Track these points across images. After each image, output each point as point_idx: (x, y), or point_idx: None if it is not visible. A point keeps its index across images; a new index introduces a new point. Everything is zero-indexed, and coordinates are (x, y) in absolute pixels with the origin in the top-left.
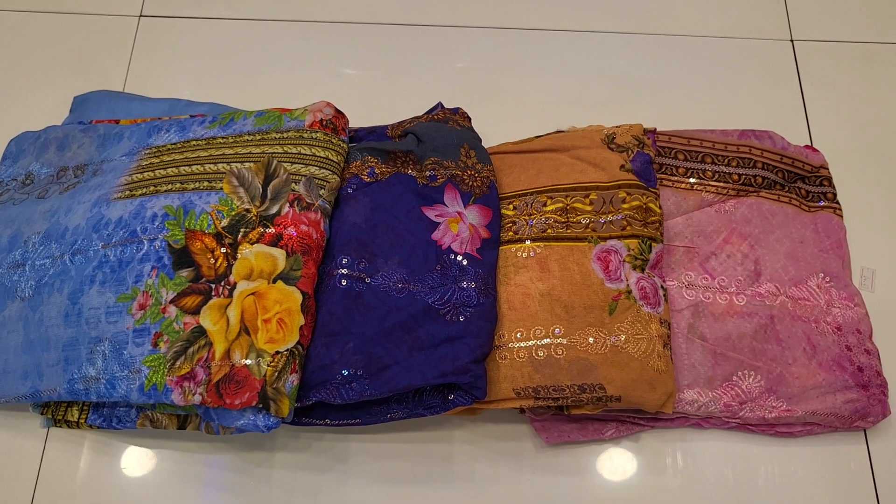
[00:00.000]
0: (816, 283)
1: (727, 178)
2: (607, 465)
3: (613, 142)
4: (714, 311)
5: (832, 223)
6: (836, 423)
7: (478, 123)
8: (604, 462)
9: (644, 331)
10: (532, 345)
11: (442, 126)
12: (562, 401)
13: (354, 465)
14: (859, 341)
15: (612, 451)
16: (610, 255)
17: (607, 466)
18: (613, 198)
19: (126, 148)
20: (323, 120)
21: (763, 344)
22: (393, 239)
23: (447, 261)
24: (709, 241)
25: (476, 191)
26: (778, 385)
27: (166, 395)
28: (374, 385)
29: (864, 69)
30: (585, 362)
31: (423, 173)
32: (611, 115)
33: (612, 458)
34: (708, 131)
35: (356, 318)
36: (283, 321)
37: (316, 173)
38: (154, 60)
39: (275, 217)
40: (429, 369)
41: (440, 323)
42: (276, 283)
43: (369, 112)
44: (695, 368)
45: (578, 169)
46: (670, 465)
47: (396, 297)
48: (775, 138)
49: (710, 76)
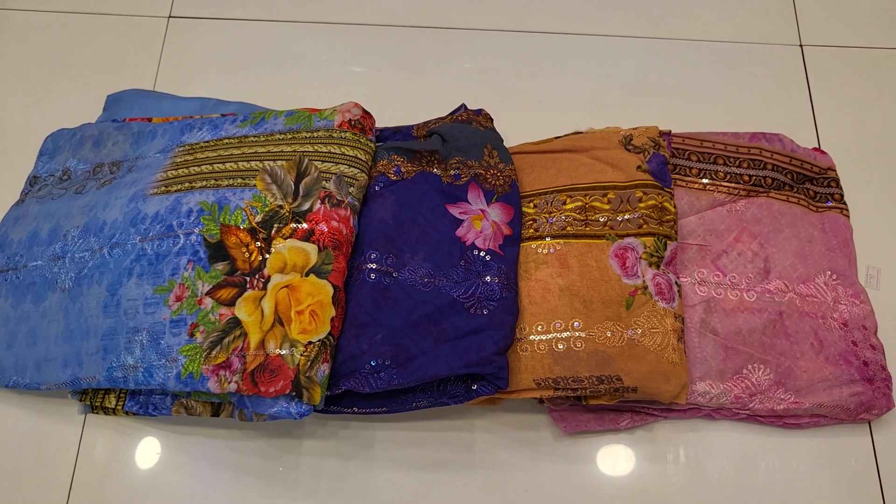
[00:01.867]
0: (824, 280)
1: (738, 178)
2: (622, 454)
3: (631, 143)
4: (725, 306)
5: (839, 223)
6: (842, 416)
7: (496, 124)
8: (619, 451)
9: (659, 325)
10: (552, 338)
11: (466, 127)
12: (580, 391)
13: (379, 451)
14: (865, 337)
15: (626, 440)
16: (627, 252)
17: (622, 455)
18: (630, 197)
19: (160, 145)
20: (351, 120)
21: (772, 338)
22: (419, 235)
23: (471, 256)
24: (720, 239)
25: (498, 189)
26: (786, 378)
27: (202, 384)
28: (402, 375)
29: (872, 74)
30: (603, 354)
31: (447, 172)
32: (624, 118)
33: (627, 447)
34: (720, 134)
35: (384, 311)
36: (316, 313)
37: (345, 171)
38: (183, 60)
39: (307, 213)
40: (454, 360)
41: (465, 316)
42: (309, 276)
43: (391, 112)
44: (707, 361)
45: (597, 169)
46: (682, 454)
47: (423, 291)
48: (785, 141)
49: (721, 80)
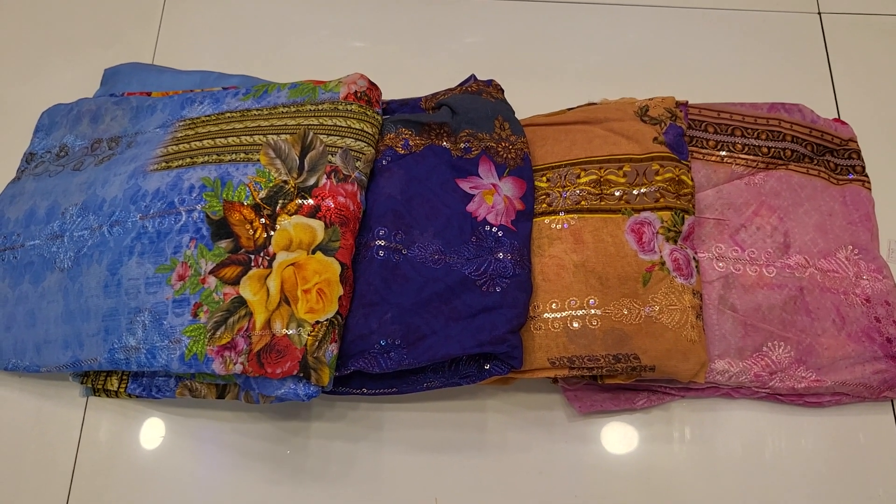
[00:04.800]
0: (845, 255)
1: (757, 150)
2: (639, 434)
3: (647, 114)
4: (744, 282)
5: (860, 196)
6: (864, 394)
7: (507, 96)
8: (635, 431)
9: (677, 302)
10: (567, 315)
11: (476, 98)
12: (596, 370)
13: (389, 433)
14: (888, 313)
15: (643, 420)
16: (643, 226)
17: (638, 436)
18: (647, 170)
19: (160, 120)
20: (357, 92)
21: (793, 315)
22: (428, 211)
23: (482, 232)
24: (739, 213)
25: (510, 163)
26: (807, 356)
27: (207, 365)
28: (412, 354)
29: (891, 42)
30: (620, 332)
31: (457, 145)
32: (638, 89)
33: (644, 427)
34: (737, 104)
35: (394, 289)
36: (323, 291)
37: (352, 145)
38: (182, 32)
39: (313, 189)
40: (466, 339)
41: (477, 294)
42: (315, 254)
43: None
44: (725, 339)
45: (612, 141)
46: (700, 434)
47: (433, 269)
48: (805, 111)
49: (738, 49)
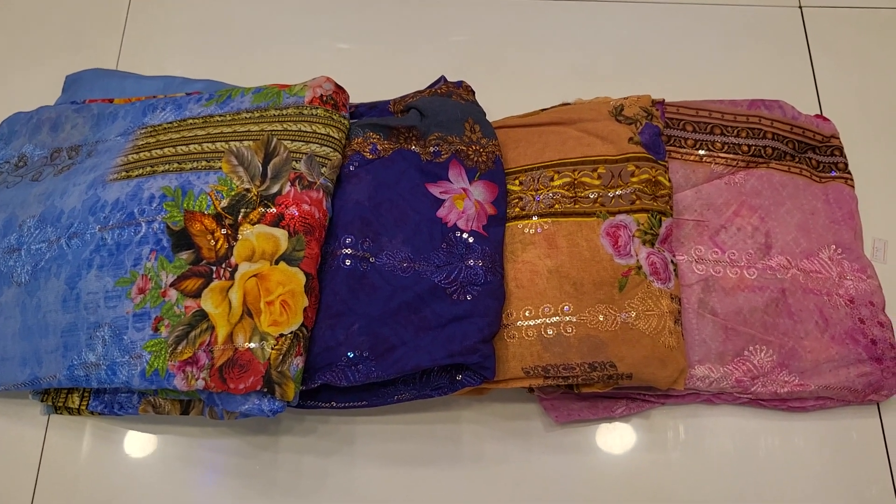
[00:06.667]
0: (828, 255)
1: (737, 149)
2: (618, 443)
3: (621, 114)
4: (724, 285)
5: (844, 194)
6: (849, 397)
7: (481, 97)
8: (614, 440)
9: (655, 307)
10: (541, 323)
11: (445, 100)
12: (572, 379)
13: (361, 447)
14: (872, 314)
15: (622, 428)
16: (619, 230)
17: (618, 444)
18: (622, 171)
19: (121, 128)
20: (323, 96)
21: (774, 318)
22: (397, 217)
23: (453, 238)
24: (718, 214)
25: (481, 166)
26: (790, 359)
27: (168, 381)
28: (381, 366)
29: (874, 36)
30: (596, 340)
31: (426, 149)
32: (617, 87)
33: (623, 435)
34: (717, 102)
35: (361, 299)
36: (287, 303)
37: (317, 151)
38: (147, 37)
39: (276, 196)
40: (436, 349)
41: (447, 302)
42: (279, 264)
43: (369, 87)
44: (706, 344)
45: (586, 142)
46: (681, 441)
47: (402, 277)
48: (785, 108)
49: (717, 45)
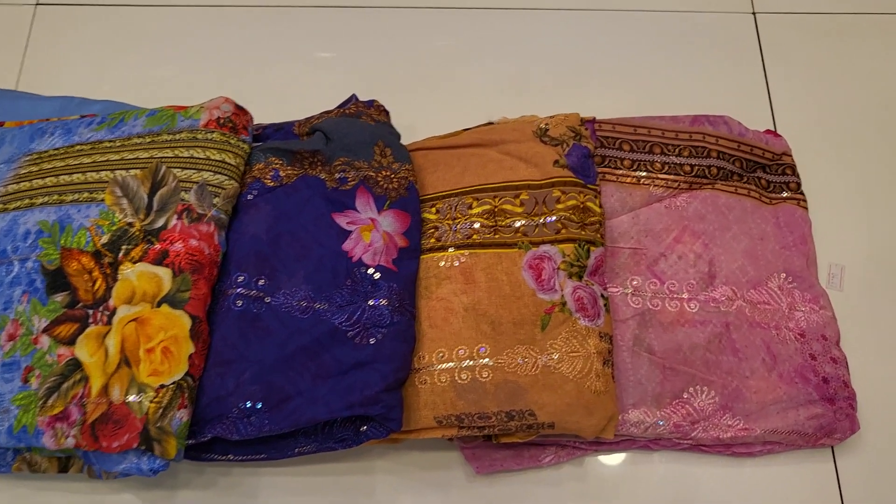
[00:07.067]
0: (777, 284)
1: (678, 169)
2: (546, 494)
3: (546, 134)
4: (663, 319)
5: (796, 216)
6: (799, 442)
7: (406, 115)
8: (542, 491)
9: (580, 347)
10: (454, 367)
11: (353, 121)
12: (488, 429)
13: (265, 501)
14: (825, 348)
15: (551, 478)
16: (543, 262)
17: (546, 496)
18: (547, 197)
19: (6, 154)
20: (220, 118)
21: (717, 355)
22: (298, 251)
23: (358, 275)
24: (657, 241)
25: (392, 193)
26: (734, 401)
27: (37, 438)
28: (275, 419)
29: (832, 43)
30: (514, 385)
31: (332, 175)
32: (556, 102)
33: (552, 486)
34: (656, 118)
35: (253, 344)
36: (169, 350)
37: (209, 179)
38: (52, 53)
39: (161, 231)
40: (335, 400)
41: (348, 346)
42: (161, 306)
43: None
44: (641, 385)
45: (507, 166)
46: (617, 492)
47: (299, 319)
48: (731, 123)
49: (664, 55)
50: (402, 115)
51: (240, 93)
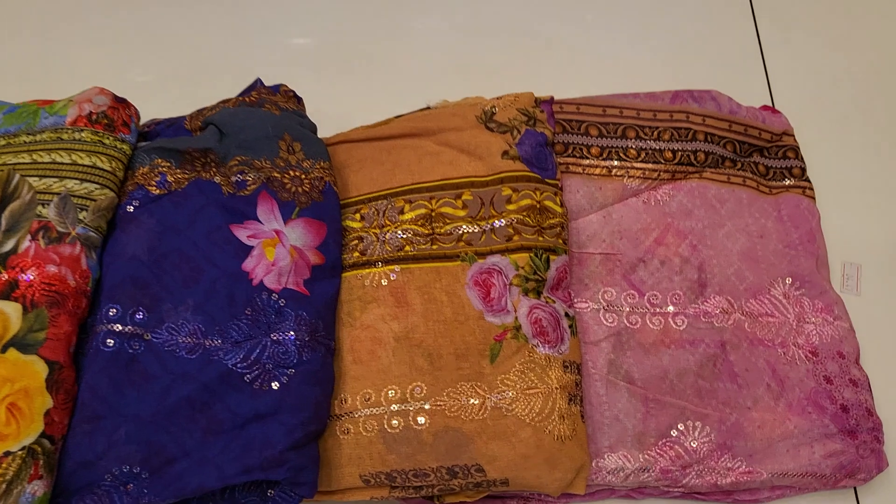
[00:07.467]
0: (782, 291)
1: (658, 156)
2: None
3: (493, 119)
4: (643, 340)
5: (801, 208)
6: (815, 485)
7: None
8: None
9: (539, 382)
10: (383, 412)
11: (253, 112)
12: (427, 490)
13: None
14: (842, 369)
15: None
16: (492, 276)
17: None
18: (495, 197)
19: None
20: (92, 113)
21: (712, 382)
22: (187, 274)
23: (259, 302)
24: (635, 244)
25: (301, 198)
26: (734, 438)
27: None
28: (156, 487)
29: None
30: (457, 434)
31: (228, 179)
32: (510, 83)
33: None
34: (630, 96)
35: (128, 394)
36: (17, 407)
37: (75, 189)
38: None
39: (9, 256)
40: (229, 463)
41: (245, 394)
42: (8, 352)
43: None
44: (619, 422)
45: (446, 159)
46: None
47: (186, 360)
48: (720, 99)
49: (639, 21)
50: (330, 101)
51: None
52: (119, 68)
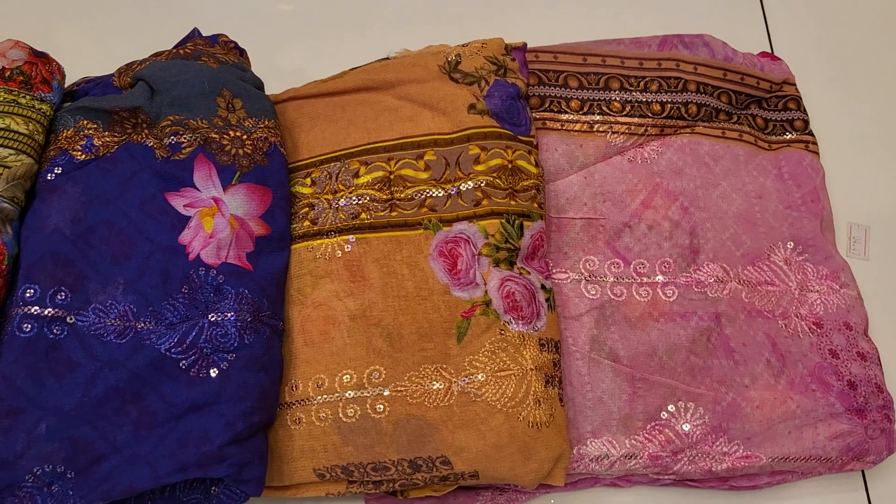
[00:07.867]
0: (783, 256)
1: (645, 109)
2: None
3: (457, 69)
4: (629, 313)
5: (804, 165)
6: (820, 469)
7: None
8: None
9: (512, 363)
10: (338, 399)
11: (187, 65)
12: (387, 484)
13: None
14: (849, 341)
15: None
16: (458, 246)
17: None
18: (461, 156)
19: None
20: (6, 69)
21: (706, 359)
22: (117, 249)
23: (196, 279)
24: (620, 207)
25: (243, 162)
26: (730, 420)
27: None
28: (83, 488)
29: None
30: (420, 423)
31: (161, 141)
32: (480, 33)
33: None
34: (613, 42)
35: (49, 385)
36: None
37: None
38: None
39: None
40: (163, 460)
41: (181, 382)
42: None
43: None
44: (603, 405)
45: (406, 115)
46: None
47: (115, 345)
48: (714, 45)
49: None
50: (285, 55)
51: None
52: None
